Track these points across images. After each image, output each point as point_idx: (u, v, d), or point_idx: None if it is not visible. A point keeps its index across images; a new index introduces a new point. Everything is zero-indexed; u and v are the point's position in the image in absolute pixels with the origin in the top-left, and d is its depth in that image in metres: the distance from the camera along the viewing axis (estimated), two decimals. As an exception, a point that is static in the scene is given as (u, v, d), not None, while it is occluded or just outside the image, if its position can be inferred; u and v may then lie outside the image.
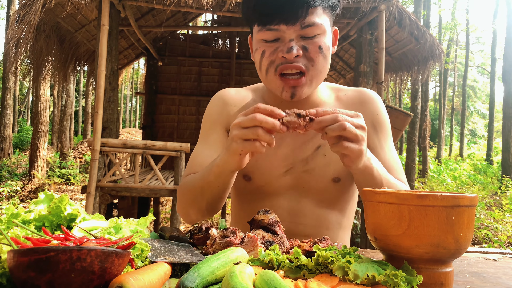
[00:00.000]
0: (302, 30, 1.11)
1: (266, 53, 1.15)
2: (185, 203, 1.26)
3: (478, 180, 14.64)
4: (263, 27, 1.13)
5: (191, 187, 1.22)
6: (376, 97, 1.35)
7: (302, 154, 1.29)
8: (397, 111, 5.60)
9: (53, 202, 0.85)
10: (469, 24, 27.62)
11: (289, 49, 1.10)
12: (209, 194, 1.18)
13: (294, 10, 1.08)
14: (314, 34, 1.12)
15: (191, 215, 1.27)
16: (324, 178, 1.29)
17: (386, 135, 1.32)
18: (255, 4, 1.13)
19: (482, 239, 7.87)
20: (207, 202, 1.20)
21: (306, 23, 1.10)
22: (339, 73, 11.68)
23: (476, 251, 1.22)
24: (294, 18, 1.09)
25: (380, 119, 1.32)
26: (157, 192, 6.12)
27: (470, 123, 39.97)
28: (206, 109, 1.42)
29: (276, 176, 1.31)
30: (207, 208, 1.22)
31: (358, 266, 0.72)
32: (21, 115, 32.71)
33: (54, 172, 14.11)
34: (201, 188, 1.18)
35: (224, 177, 1.11)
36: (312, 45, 1.12)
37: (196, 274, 0.66)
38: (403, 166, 12.37)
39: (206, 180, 1.15)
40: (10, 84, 14.18)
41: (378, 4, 6.08)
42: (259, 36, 1.15)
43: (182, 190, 1.27)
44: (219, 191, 1.16)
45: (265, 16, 1.11)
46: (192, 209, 1.25)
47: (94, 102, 6.93)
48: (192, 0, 5.82)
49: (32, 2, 5.66)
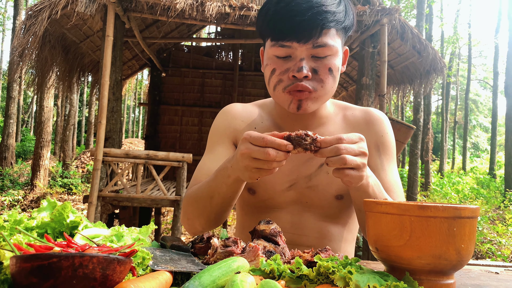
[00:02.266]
0: (313, 49, 1.12)
1: (276, 71, 1.16)
2: (191, 214, 1.25)
3: (481, 194, 14.56)
4: (276, 43, 1.14)
5: (199, 197, 1.21)
6: (383, 118, 1.35)
7: (305, 170, 1.30)
8: (399, 124, 5.60)
9: (56, 209, 0.85)
10: (471, 38, 27.71)
11: (299, 69, 1.11)
12: (219, 204, 1.17)
13: (308, 29, 1.10)
14: (325, 54, 1.14)
15: (196, 226, 1.26)
16: (327, 195, 1.30)
17: (389, 157, 1.32)
18: (271, 19, 1.14)
19: (486, 253, 7.80)
20: (216, 211, 1.19)
21: (318, 43, 1.12)
22: (342, 86, 11.71)
23: (479, 264, 1.21)
24: (307, 37, 1.10)
25: (384, 141, 1.32)
26: (159, 203, 6.11)
27: (473, 137, 39.89)
28: (213, 123, 1.43)
29: (279, 191, 1.32)
30: (216, 218, 1.22)
31: (360, 277, 0.72)
32: (24, 124, 32.85)
33: (56, 182, 14.12)
34: (210, 198, 1.17)
35: (236, 186, 1.13)
36: (322, 66, 1.14)
37: (197, 283, 0.66)
38: (406, 179, 12.33)
39: (215, 191, 1.15)
40: (14, 93, 14.25)
41: (380, 18, 6.13)
42: (271, 51, 1.16)
43: (189, 200, 1.26)
44: (229, 199, 1.17)
45: (279, 31, 1.13)
46: (199, 220, 1.24)
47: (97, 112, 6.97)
48: (196, 13, 5.88)
49: (38, 13, 5.73)
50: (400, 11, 6.60)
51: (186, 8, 5.79)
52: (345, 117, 1.36)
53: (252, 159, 0.96)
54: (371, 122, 1.34)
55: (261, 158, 0.95)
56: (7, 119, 14.20)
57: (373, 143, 1.31)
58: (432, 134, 14.53)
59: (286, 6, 1.10)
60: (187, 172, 6.05)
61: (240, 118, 1.38)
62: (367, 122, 1.33)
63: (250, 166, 0.97)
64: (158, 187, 6.98)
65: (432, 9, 17.26)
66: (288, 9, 1.10)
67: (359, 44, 7.09)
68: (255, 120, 1.37)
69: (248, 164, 0.97)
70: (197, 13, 5.89)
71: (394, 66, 8.64)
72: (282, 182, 1.31)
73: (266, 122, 1.36)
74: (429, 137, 13.80)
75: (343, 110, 1.38)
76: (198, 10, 5.87)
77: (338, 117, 1.35)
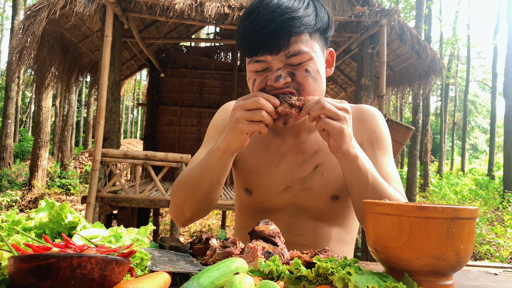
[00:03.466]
0: (288, 59, 1.11)
1: (256, 81, 1.16)
2: (181, 197, 1.24)
3: (479, 195, 14.58)
4: (251, 59, 1.15)
5: (188, 177, 1.22)
6: (375, 113, 1.35)
7: (300, 173, 1.30)
8: (398, 125, 5.60)
9: (54, 210, 0.85)
10: (470, 39, 27.76)
11: (276, 78, 1.11)
12: (208, 181, 1.19)
13: (277, 40, 1.09)
14: (300, 62, 1.12)
15: (185, 211, 1.25)
16: (323, 196, 1.30)
17: (384, 151, 1.31)
18: (241, 36, 1.15)
19: (484, 254, 7.81)
20: (205, 189, 1.20)
21: (291, 53, 1.11)
22: (340, 87, 11.73)
23: (477, 265, 1.21)
24: (278, 48, 1.10)
25: (378, 135, 1.31)
26: (157, 203, 6.11)
27: (472, 138, 39.94)
28: (212, 120, 1.45)
29: (275, 193, 1.33)
30: (205, 198, 1.22)
31: (359, 278, 0.72)
32: (22, 124, 32.80)
33: (54, 182, 14.10)
34: (200, 175, 1.19)
35: (225, 159, 1.15)
36: (299, 70, 1.13)
37: (195, 283, 0.66)
38: (404, 180, 12.34)
39: (205, 166, 1.18)
40: (12, 93, 14.23)
41: (379, 19, 6.14)
42: (250, 67, 1.17)
43: (179, 183, 1.26)
44: (218, 176, 1.18)
45: (250, 48, 1.13)
46: (188, 202, 1.23)
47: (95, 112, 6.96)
48: (195, 13, 5.88)
49: (37, 13, 5.72)
50: (399, 12, 6.62)
51: (185, 8, 5.79)
52: None
53: (244, 111, 1.05)
54: (363, 118, 1.33)
55: (252, 107, 1.04)
56: (5, 119, 14.18)
57: (366, 139, 1.30)
58: (431, 135, 14.56)
59: (252, 21, 1.11)
60: (185, 173, 6.04)
61: None
62: (359, 119, 1.33)
63: (241, 117, 1.05)
64: (157, 187, 6.97)
65: (431, 10, 17.31)
66: (254, 24, 1.10)
67: (358, 45, 7.09)
68: None
69: (240, 116, 1.05)
70: (196, 14, 5.89)
71: (393, 67, 8.65)
72: (278, 184, 1.32)
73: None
74: (428, 138, 13.83)
75: None
76: (197, 11, 5.88)
77: None
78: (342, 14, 6.40)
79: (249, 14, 1.13)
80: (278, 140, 1.33)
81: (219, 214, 13.11)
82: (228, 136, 1.10)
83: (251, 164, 1.35)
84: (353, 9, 6.41)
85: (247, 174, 1.36)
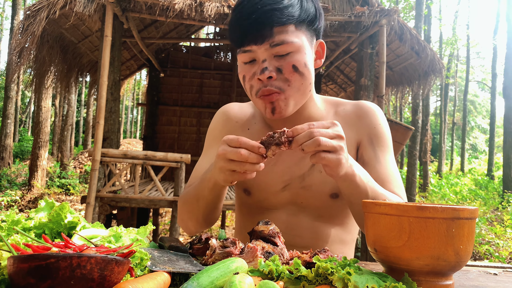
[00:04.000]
0: (272, 48, 1.12)
1: (246, 77, 1.18)
2: (184, 215, 1.30)
3: (479, 195, 14.58)
4: (240, 49, 1.16)
5: (188, 199, 1.26)
6: (375, 109, 1.33)
7: (298, 171, 1.30)
8: (398, 125, 5.60)
9: (53, 210, 0.85)
10: (469, 39, 27.76)
11: (262, 70, 1.12)
12: (204, 206, 1.21)
13: (259, 30, 1.11)
14: (286, 52, 1.12)
15: (190, 226, 1.31)
16: (322, 194, 1.29)
17: (384, 148, 1.29)
18: (230, 28, 1.18)
19: (484, 254, 7.81)
20: (203, 213, 1.23)
21: (275, 42, 1.11)
22: (340, 87, 11.73)
23: (477, 265, 1.21)
24: (261, 38, 1.11)
25: (377, 132, 1.30)
26: (157, 203, 6.11)
27: (471, 138, 39.96)
28: (210, 124, 1.46)
29: (274, 192, 1.33)
30: (204, 219, 1.26)
31: (358, 278, 0.72)
32: (22, 124, 32.78)
33: (54, 182, 14.09)
34: (197, 200, 1.22)
35: (218, 190, 1.15)
36: (286, 65, 1.13)
37: (195, 283, 0.66)
38: (404, 180, 12.34)
39: (200, 194, 1.20)
40: (12, 93, 14.22)
41: (379, 19, 6.14)
42: (239, 58, 1.19)
43: (181, 201, 1.31)
44: (213, 203, 1.20)
45: (237, 38, 1.15)
46: (190, 221, 1.29)
47: (95, 112, 6.95)
48: (195, 13, 5.88)
49: (37, 13, 5.71)
50: (399, 12, 6.62)
51: (185, 8, 5.79)
52: (336, 113, 1.34)
53: (227, 161, 0.98)
54: (362, 114, 1.31)
55: (234, 159, 0.97)
56: (5, 119, 14.17)
57: (365, 136, 1.29)
58: (430, 135, 14.56)
59: (238, 13, 1.13)
60: (185, 173, 6.05)
61: (235, 119, 1.40)
62: (358, 115, 1.31)
63: (224, 167, 1.00)
64: (156, 187, 6.96)
65: (430, 10, 17.31)
66: (240, 15, 1.12)
67: (357, 45, 7.10)
68: (249, 121, 1.39)
69: (223, 166, 1.00)
70: (195, 14, 5.89)
71: (393, 67, 8.65)
72: (276, 183, 1.32)
73: (258, 123, 1.37)
74: (428, 138, 13.83)
75: (334, 106, 1.36)
76: (197, 11, 5.87)
77: (330, 114, 1.34)
78: (341, 14, 6.40)
79: (236, 7, 1.16)
80: None
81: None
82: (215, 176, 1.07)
83: None
84: (353, 9, 6.41)
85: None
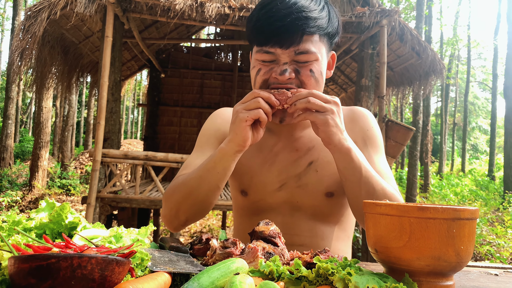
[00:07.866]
0: (296, 56, 1.15)
1: (261, 71, 1.19)
2: (175, 200, 1.23)
3: (480, 196, 14.57)
4: (261, 49, 1.18)
5: (186, 180, 1.21)
6: (367, 114, 1.40)
7: (294, 170, 1.32)
8: (398, 125, 5.60)
9: (54, 210, 0.85)
10: (470, 40, 27.75)
11: (282, 72, 1.14)
12: (207, 184, 1.18)
13: (289, 35, 1.12)
14: (308, 60, 1.16)
15: (180, 215, 1.24)
16: (317, 193, 1.32)
17: (376, 149, 1.35)
18: (254, 26, 1.18)
19: (485, 255, 7.80)
20: (204, 193, 1.19)
21: (300, 50, 1.14)
22: (341, 87, 11.72)
23: (478, 266, 1.21)
24: (288, 43, 1.13)
25: (370, 135, 1.36)
26: (157, 204, 6.11)
27: (472, 139, 39.94)
28: (204, 125, 1.46)
29: (270, 192, 1.34)
30: (202, 201, 1.21)
31: (359, 278, 0.72)
32: (23, 125, 32.81)
33: (55, 183, 14.10)
34: (200, 177, 1.18)
35: (227, 161, 1.15)
36: (304, 68, 1.16)
37: (196, 284, 0.66)
38: (405, 180, 12.33)
39: (206, 168, 1.18)
40: (13, 94, 14.23)
41: (380, 19, 6.13)
42: (257, 56, 1.20)
43: (174, 187, 1.25)
44: (218, 179, 1.18)
45: (262, 38, 1.16)
46: (184, 205, 1.22)
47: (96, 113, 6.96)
48: (196, 13, 5.88)
49: (37, 13, 5.72)
50: (400, 12, 6.61)
51: (186, 9, 5.79)
52: None
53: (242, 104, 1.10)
54: (355, 119, 1.38)
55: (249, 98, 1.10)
56: (6, 119, 14.19)
57: (359, 138, 1.34)
58: (431, 135, 14.55)
59: (267, 12, 1.13)
60: (186, 173, 6.04)
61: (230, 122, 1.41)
62: (352, 120, 1.37)
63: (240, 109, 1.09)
64: (157, 188, 6.97)
65: (431, 10, 17.30)
66: (269, 15, 1.13)
67: (358, 46, 7.09)
68: None
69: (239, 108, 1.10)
70: (196, 14, 5.89)
71: (394, 67, 8.64)
72: (272, 182, 1.33)
73: None
74: (428, 139, 13.83)
75: None
76: (198, 11, 5.87)
77: None
78: (342, 15, 6.39)
79: (265, 5, 1.16)
80: (272, 139, 1.36)
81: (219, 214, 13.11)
82: (230, 133, 1.12)
83: (246, 165, 1.36)
84: (354, 10, 6.41)
85: (242, 176, 1.37)
